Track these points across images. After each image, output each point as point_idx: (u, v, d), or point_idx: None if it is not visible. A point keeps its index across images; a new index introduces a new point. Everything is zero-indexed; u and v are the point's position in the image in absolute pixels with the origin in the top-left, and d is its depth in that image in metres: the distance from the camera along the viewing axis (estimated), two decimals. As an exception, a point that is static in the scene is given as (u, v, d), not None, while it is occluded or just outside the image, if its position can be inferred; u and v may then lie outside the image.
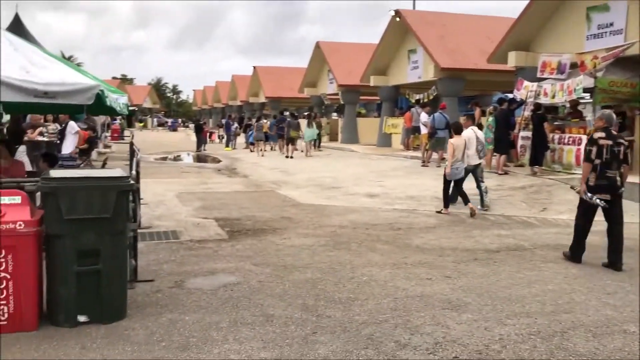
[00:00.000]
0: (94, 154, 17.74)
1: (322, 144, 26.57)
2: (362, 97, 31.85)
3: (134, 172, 7.12)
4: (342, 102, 30.47)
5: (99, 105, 6.36)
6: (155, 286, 5.57)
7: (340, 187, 13.43)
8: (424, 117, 18.12)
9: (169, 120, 70.79)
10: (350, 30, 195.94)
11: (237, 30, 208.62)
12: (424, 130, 17.67)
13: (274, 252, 7.07)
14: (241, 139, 31.40)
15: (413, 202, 11.11)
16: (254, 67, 45.07)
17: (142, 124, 61.39)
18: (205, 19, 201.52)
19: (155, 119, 71.89)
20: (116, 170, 5.24)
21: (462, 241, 7.91)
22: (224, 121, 35.12)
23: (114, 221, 4.53)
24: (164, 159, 24.26)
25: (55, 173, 4.83)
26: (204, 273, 6.12)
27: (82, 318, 4.50)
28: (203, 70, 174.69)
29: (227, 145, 30.79)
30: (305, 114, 28.69)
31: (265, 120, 27.21)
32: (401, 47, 24.10)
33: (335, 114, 38.72)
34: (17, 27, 17.69)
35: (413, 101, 23.11)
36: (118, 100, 6.95)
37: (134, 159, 8.61)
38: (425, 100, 21.78)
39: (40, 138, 12.46)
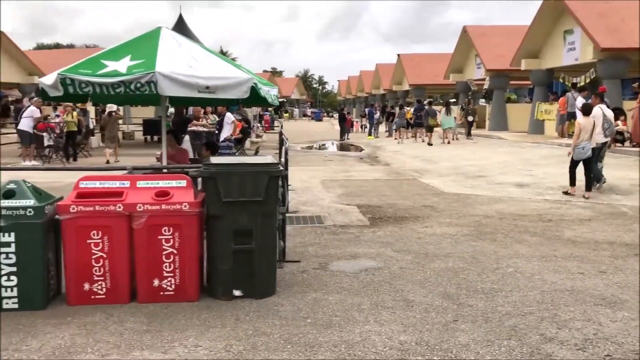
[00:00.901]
0: (247, 143, 18.93)
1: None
2: (511, 82, 30.39)
3: (282, 159, 7.57)
4: (488, 88, 29.30)
5: (253, 97, 6.83)
6: (301, 267, 5.89)
7: (486, 176, 13.01)
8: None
9: (310, 111, 73.15)
10: (498, 13, 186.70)
11: (381, 19, 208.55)
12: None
13: (415, 240, 7.10)
14: (383, 128, 31.54)
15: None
16: (398, 55, 44.94)
17: (287, 115, 64.00)
18: (350, 9, 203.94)
19: (299, 110, 74.51)
20: (267, 157, 5.60)
21: (620, 235, 7.33)
22: (366, 110, 35.48)
23: (265, 204, 4.87)
24: (309, 147, 25.14)
25: (214, 159, 5.30)
26: (347, 257, 6.34)
27: (237, 292, 4.91)
28: (347, 60, 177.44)
29: (369, 134, 31.12)
30: (448, 100, 27.98)
31: (408, 108, 27.04)
32: (555, 28, 22.58)
33: (482, 100, 37.36)
34: (181, 26, 19.35)
35: (569, 85, 21.60)
36: (270, 92, 7.39)
37: (283, 148, 9.13)
38: (583, 83, 20.25)
39: (200, 128, 13.59)
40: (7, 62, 32.17)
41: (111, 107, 16.60)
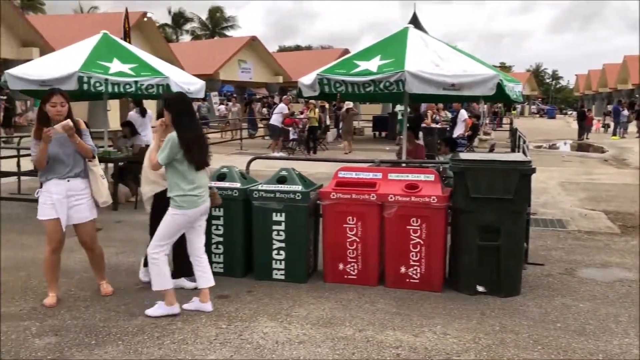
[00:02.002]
0: (475, 141, 18.59)
1: None
2: None
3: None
4: None
5: (496, 93, 6.75)
6: (545, 270, 5.68)
7: None
8: None
9: (541, 107, 68.35)
10: None
11: (630, 4, 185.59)
12: None
13: (679, 253, 6.33)
14: (633, 127, 28.26)
15: None
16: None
17: (514, 112, 60.85)
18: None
19: (532, 106, 70.26)
20: (517, 155, 5.52)
21: None
22: (610, 107, 32.08)
23: (515, 202, 4.82)
24: (543, 146, 23.67)
25: (463, 155, 5.39)
26: (596, 264, 5.93)
27: (480, 288, 4.96)
28: (588, 52, 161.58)
29: (614, 134, 28.14)
30: None
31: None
32: None
33: None
34: (416, 24, 19.70)
35: None
36: (514, 88, 7.22)
37: (521, 146, 8.81)
38: None
39: (433, 125, 13.77)
40: (258, 64, 36.21)
41: (348, 104, 17.75)
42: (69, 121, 4.36)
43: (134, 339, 3.99)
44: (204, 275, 4.50)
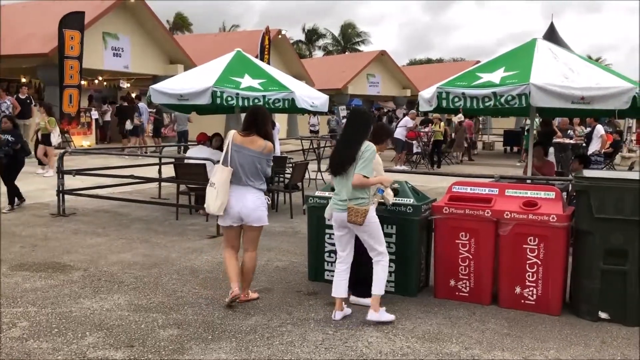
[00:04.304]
0: (617, 158, 17.26)
1: None
2: None
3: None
4: None
5: (633, 107, 6.27)
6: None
7: None
8: None
9: None
10: None
11: None
12: None
13: None
14: None
15: None
16: None
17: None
18: None
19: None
20: (649, 174, 5.09)
21: None
22: None
23: (644, 225, 4.46)
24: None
25: (587, 173, 5.09)
26: None
27: (603, 315, 4.63)
28: None
29: None
30: None
31: None
32: None
33: None
34: (552, 35, 18.79)
35: None
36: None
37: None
38: None
39: (567, 140, 12.99)
40: (386, 78, 36.45)
41: (459, 117, 17.58)
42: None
43: (246, 337, 4.24)
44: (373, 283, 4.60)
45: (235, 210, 4.78)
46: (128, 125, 18.71)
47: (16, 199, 9.14)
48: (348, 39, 61.29)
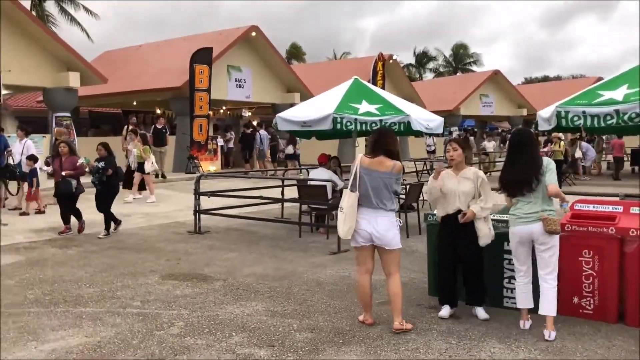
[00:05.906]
0: None
1: None
2: None
3: None
4: None
5: None
6: None
7: None
8: None
9: None
10: None
11: None
12: None
13: None
14: None
15: None
16: None
17: None
18: None
19: None
20: None
21: None
22: None
23: None
24: None
25: None
26: None
27: None
28: None
29: None
30: None
31: None
32: None
33: None
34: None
35: None
36: None
37: None
38: None
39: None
40: (500, 97, 35.67)
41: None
42: None
43: (374, 342, 4.58)
44: (541, 303, 4.78)
45: (366, 232, 4.82)
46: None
47: (112, 224, 9.38)
48: (460, 59, 60.64)
